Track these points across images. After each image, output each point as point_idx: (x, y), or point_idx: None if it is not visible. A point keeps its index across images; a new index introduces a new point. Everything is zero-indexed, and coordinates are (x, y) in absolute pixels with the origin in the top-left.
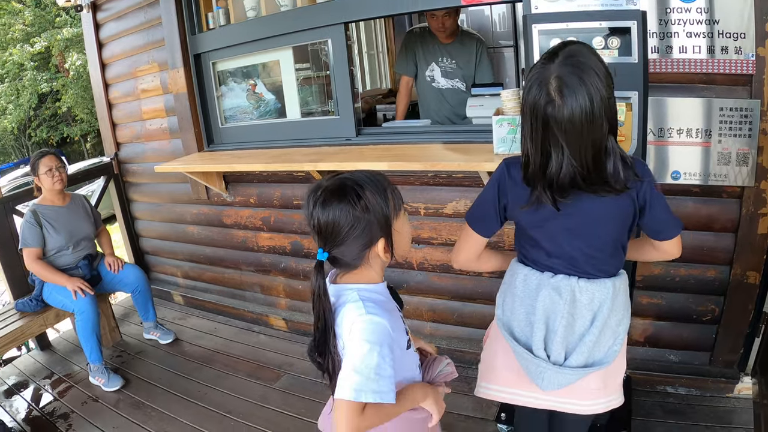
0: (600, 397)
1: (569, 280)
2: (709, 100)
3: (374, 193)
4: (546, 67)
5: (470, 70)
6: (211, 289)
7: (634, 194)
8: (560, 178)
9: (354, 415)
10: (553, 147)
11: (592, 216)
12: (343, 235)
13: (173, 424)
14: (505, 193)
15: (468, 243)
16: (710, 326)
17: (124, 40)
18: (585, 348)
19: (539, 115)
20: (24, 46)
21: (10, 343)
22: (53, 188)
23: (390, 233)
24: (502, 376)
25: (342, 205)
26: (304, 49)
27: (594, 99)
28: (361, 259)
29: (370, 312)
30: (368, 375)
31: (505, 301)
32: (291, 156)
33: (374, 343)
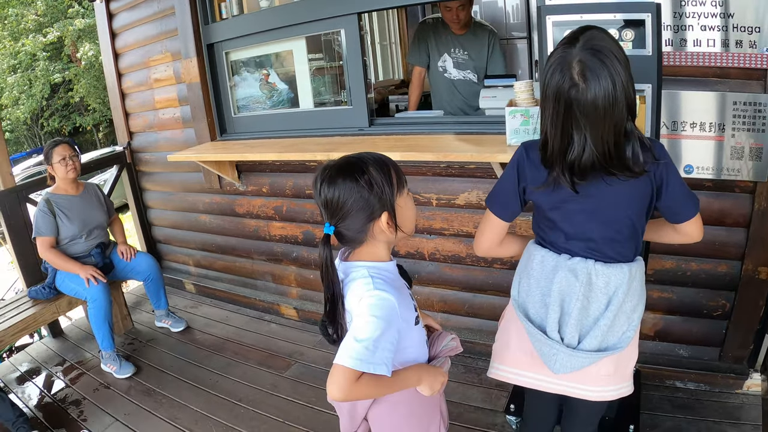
0: (610, 384)
1: (586, 262)
2: (723, 94)
3: (377, 170)
4: (568, 52)
5: (482, 61)
6: (223, 277)
7: (651, 175)
8: (582, 161)
9: (348, 382)
10: (575, 130)
11: (610, 197)
12: (347, 209)
13: (184, 411)
14: (524, 175)
15: (490, 228)
16: (720, 321)
17: (137, 29)
18: (599, 332)
19: (562, 98)
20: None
21: (22, 330)
22: (66, 177)
23: (393, 209)
24: (515, 357)
25: (347, 182)
26: (317, 39)
27: (616, 82)
28: (366, 234)
29: (378, 288)
30: (367, 346)
31: (521, 282)
32: (303, 146)
33: (379, 317)
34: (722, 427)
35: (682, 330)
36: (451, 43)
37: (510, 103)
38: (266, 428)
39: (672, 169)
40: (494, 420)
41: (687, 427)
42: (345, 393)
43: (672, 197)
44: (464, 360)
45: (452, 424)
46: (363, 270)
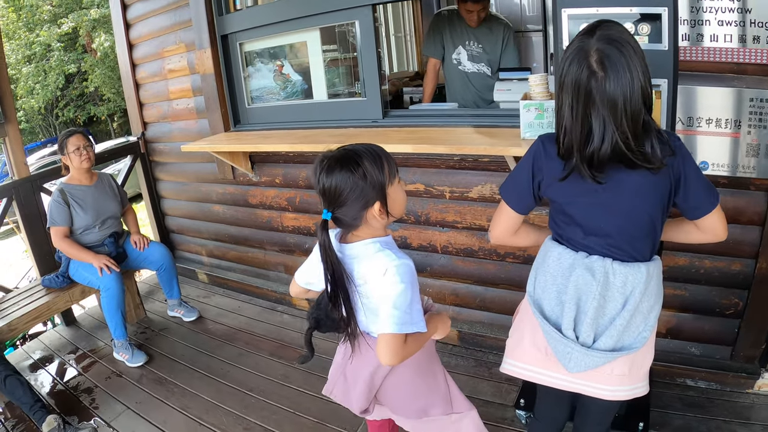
0: (624, 384)
1: (603, 261)
2: (739, 90)
3: (371, 163)
4: (585, 42)
5: (496, 55)
6: (236, 268)
7: (669, 168)
8: (601, 152)
9: (399, 347)
10: (595, 120)
11: (628, 191)
12: (343, 197)
13: (195, 400)
14: (540, 168)
15: (503, 218)
16: (733, 320)
17: (152, 20)
18: (615, 331)
19: (582, 88)
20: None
21: (36, 319)
22: (81, 167)
23: (385, 197)
24: (529, 354)
25: (343, 172)
26: (331, 31)
27: (633, 74)
28: (360, 219)
29: (401, 257)
30: (406, 310)
31: (537, 278)
32: (317, 137)
33: (408, 282)
34: (732, 426)
35: (694, 328)
36: (466, 35)
37: (524, 97)
38: (277, 418)
39: (689, 161)
40: (504, 414)
41: (697, 426)
42: (399, 357)
43: (690, 190)
44: (475, 354)
45: None
46: (375, 245)
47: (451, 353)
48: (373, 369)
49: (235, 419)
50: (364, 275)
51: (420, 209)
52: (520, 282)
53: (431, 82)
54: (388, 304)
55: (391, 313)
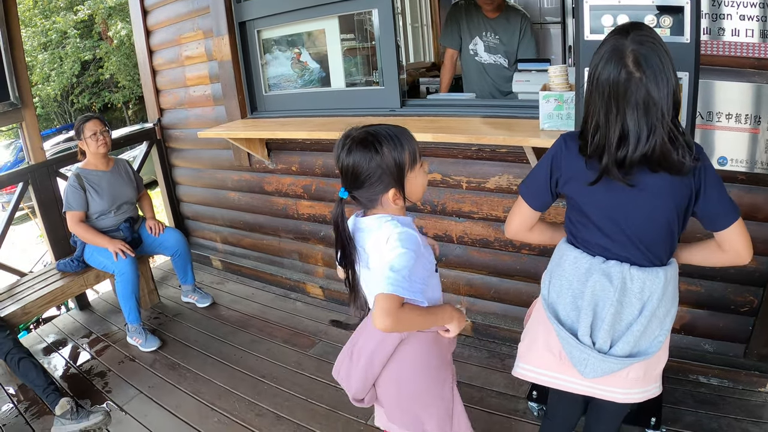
0: (638, 387)
1: (621, 266)
2: (760, 86)
3: (392, 147)
4: (620, 42)
5: (513, 46)
6: (250, 255)
7: (691, 176)
8: (636, 154)
9: (394, 308)
10: (631, 121)
11: (648, 194)
12: (361, 179)
13: (207, 386)
14: (558, 166)
15: (520, 214)
16: (747, 318)
17: (169, 7)
18: (631, 337)
19: (618, 88)
20: (67, 14)
21: (50, 302)
22: (98, 152)
23: (402, 183)
24: (543, 358)
25: (363, 154)
26: (349, 19)
27: (668, 76)
28: (376, 202)
29: (405, 226)
30: (403, 274)
31: (551, 282)
32: (334, 125)
33: (409, 248)
34: (744, 425)
35: (708, 324)
36: (483, 26)
37: (544, 88)
38: (289, 405)
39: (711, 172)
40: (516, 406)
41: (708, 423)
42: (393, 319)
43: (710, 199)
44: (488, 345)
45: (474, 408)
46: (386, 217)
47: (465, 344)
48: (374, 346)
49: (247, 405)
50: (372, 247)
51: (436, 199)
52: (536, 274)
53: (448, 73)
54: (386, 264)
55: (387, 275)
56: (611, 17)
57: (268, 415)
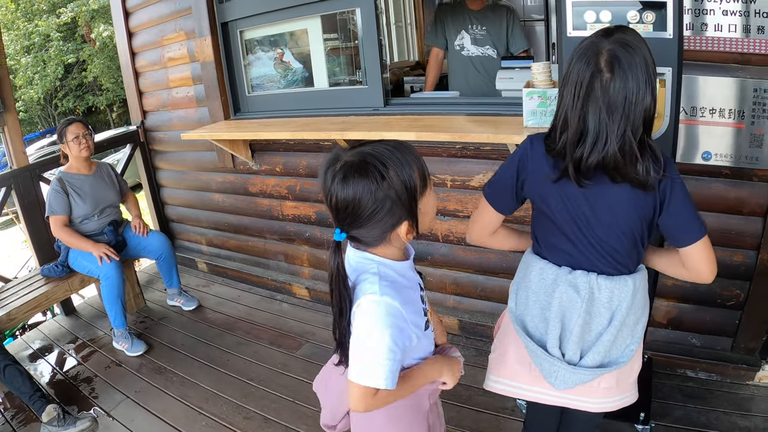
0: (611, 396)
1: (588, 276)
2: (743, 80)
3: (399, 171)
4: (600, 41)
5: (502, 38)
6: (235, 257)
7: (655, 191)
8: (591, 157)
9: (367, 398)
10: (592, 121)
11: (609, 204)
12: (364, 217)
13: (194, 389)
14: (525, 168)
15: (483, 217)
16: (734, 311)
17: (151, 8)
18: (602, 348)
19: (584, 85)
20: (50, 16)
21: (35, 308)
22: (80, 155)
23: (415, 213)
24: (513, 370)
25: (363, 183)
26: (332, 18)
27: (641, 84)
28: (381, 241)
29: (384, 293)
30: (378, 361)
31: (518, 294)
32: (318, 125)
33: (386, 325)
34: (732, 418)
35: (695, 319)
36: (468, 19)
37: (527, 85)
38: (276, 407)
39: (678, 186)
40: (504, 404)
41: (697, 417)
42: (366, 408)
43: (673, 216)
44: (475, 343)
45: (462, 407)
46: (374, 265)
47: (452, 342)
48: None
49: (234, 408)
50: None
51: None
52: None
53: (433, 71)
54: (359, 346)
55: (361, 360)
56: (594, 13)
57: (255, 417)
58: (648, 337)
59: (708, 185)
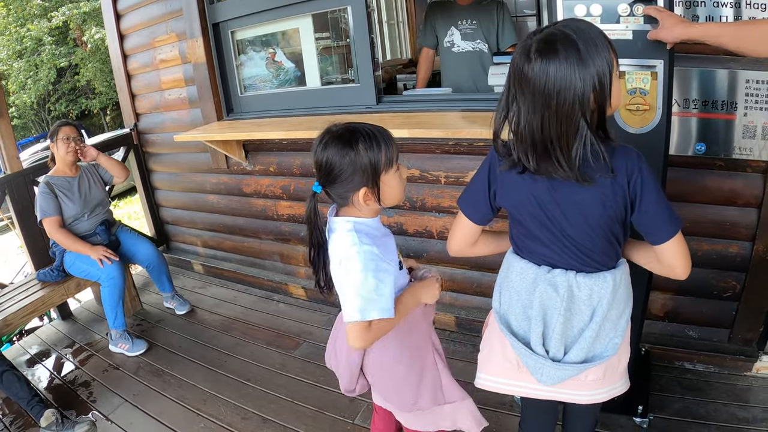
0: (600, 387)
1: (566, 275)
2: (735, 71)
3: (367, 145)
4: (538, 32)
5: (492, 31)
6: (231, 258)
7: (624, 186)
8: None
9: (363, 332)
10: (523, 105)
11: (579, 202)
12: (333, 175)
13: (192, 391)
14: (495, 177)
15: (462, 230)
16: (730, 303)
17: (142, 10)
18: (585, 343)
19: (516, 70)
20: (41, 21)
21: (31, 313)
22: (66, 157)
23: (376, 184)
24: (501, 366)
25: (337, 150)
26: (323, 17)
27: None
28: (347, 200)
29: (363, 242)
30: (370, 296)
31: (501, 294)
32: (311, 124)
33: (369, 269)
34: (731, 409)
35: (691, 311)
36: (457, 15)
37: None
38: (274, 408)
39: (648, 182)
40: (502, 399)
41: (696, 409)
42: (365, 342)
43: (645, 214)
44: (472, 339)
45: None
46: (348, 224)
47: (449, 339)
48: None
49: (232, 409)
50: (331, 249)
51: (416, 195)
52: None
53: (423, 69)
54: (350, 290)
55: (353, 301)
56: (584, 7)
57: (254, 418)
58: (645, 330)
59: (702, 177)
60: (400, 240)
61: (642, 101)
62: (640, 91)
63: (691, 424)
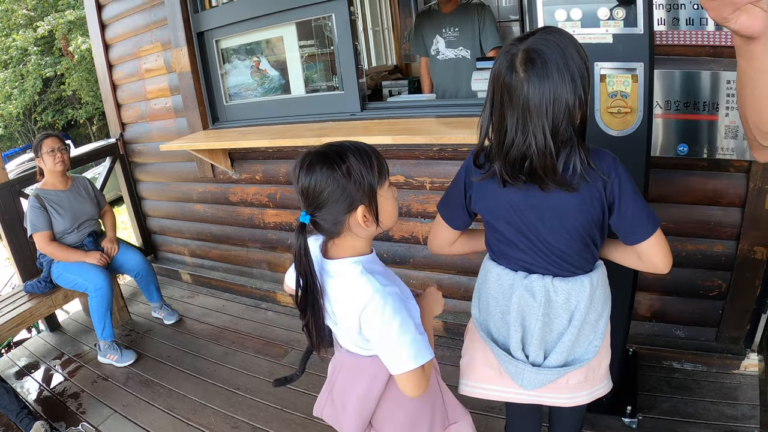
0: (582, 390)
1: (543, 280)
2: (716, 72)
3: (358, 159)
4: (518, 43)
5: (475, 36)
6: (218, 266)
7: (601, 190)
8: (512, 155)
9: (421, 378)
10: (510, 120)
11: (556, 206)
12: (323, 198)
13: (182, 401)
14: (471, 183)
15: (441, 234)
16: (717, 302)
17: (127, 20)
18: (564, 348)
19: (499, 84)
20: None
21: (19, 325)
22: (54, 169)
23: (374, 201)
24: (483, 372)
25: (325, 170)
26: (307, 25)
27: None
28: (342, 225)
29: (384, 284)
30: (416, 340)
31: (480, 300)
32: (296, 132)
33: (400, 311)
34: (719, 407)
35: (678, 310)
36: (440, 23)
37: None
38: (264, 416)
39: (625, 185)
40: (492, 403)
41: (684, 408)
42: (424, 388)
43: (624, 216)
44: (461, 344)
45: None
46: (358, 267)
47: (438, 344)
48: (361, 393)
49: (222, 418)
50: (341, 297)
51: (401, 201)
52: None
53: (426, 77)
54: (392, 341)
55: (401, 350)
56: (564, 12)
57: (243, 426)
58: (632, 330)
59: (686, 178)
60: (387, 246)
61: (623, 104)
62: (621, 94)
63: (680, 423)
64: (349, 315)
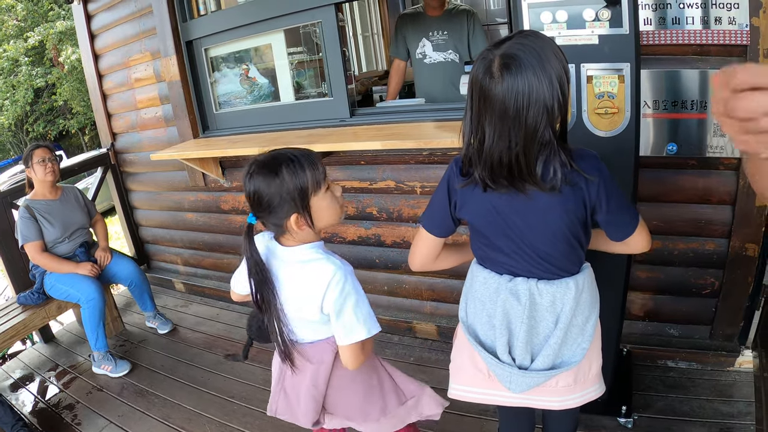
0: (572, 393)
1: (528, 283)
2: (704, 71)
3: (291, 171)
4: (494, 48)
5: (464, 41)
6: (212, 275)
7: (585, 190)
8: (491, 158)
9: (362, 353)
10: (488, 126)
11: (540, 208)
12: (264, 203)
13: (177, 410)
14: (454, 189)
15: (424, 245)
16: (710, 300)
17: (116, 30)
18: (550, 350)
19: (476, 89)
20: (18, 41)
21: (13, 337)
22: (45, 179)
23: (306, 208)
24: (472, 376)
25: (263, 178)
26: (296, 32)
27: (536, 84)
28: (282, 228)
29: (343, 263)
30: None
31: (467, 304)
32: (285, 138)
33: (357, 288)
34: (715, 405)
35: (671, 309)
36: (428, 26)
37: None
38: (259, 424)
39: (609, 185)
40: (486, 406)
41: (679, 407)
42: (363, 359)
43: (609, 215)
44: None
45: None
46: (314, 250)
47: (431, 348)
48: (311, 379)
49: (217, 427)
50: (302, 278)
51: (392, 206)
52: None
53: (394, 80)
54: (350, 312)
55: (356, 321)
56: (550, 14)
57: None
58: (625, 330)
59: (676, 177)
60: (379, 251)
61: (610, 104)
62: (608, 94)
63: (676, 421)
64: (311, 294)
